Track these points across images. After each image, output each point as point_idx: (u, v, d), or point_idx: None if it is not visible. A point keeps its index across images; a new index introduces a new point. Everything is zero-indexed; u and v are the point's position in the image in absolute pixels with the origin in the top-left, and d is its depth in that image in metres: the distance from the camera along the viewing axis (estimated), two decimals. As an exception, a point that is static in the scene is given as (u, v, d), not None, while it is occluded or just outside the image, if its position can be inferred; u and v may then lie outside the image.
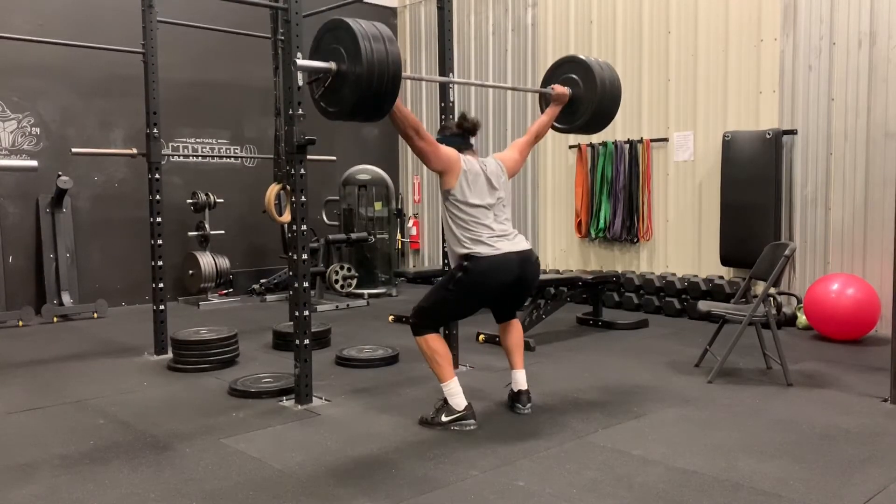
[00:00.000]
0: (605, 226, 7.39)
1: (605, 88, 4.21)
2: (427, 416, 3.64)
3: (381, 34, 3.21)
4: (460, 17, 8.65)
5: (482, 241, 3.55)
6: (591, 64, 4.24)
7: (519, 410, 3.81)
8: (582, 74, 4.27)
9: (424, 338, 3.61)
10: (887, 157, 5.67)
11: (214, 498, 2.80)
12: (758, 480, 2.92)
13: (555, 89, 4.24)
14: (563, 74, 4.35)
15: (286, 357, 4.72)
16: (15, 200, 7.01)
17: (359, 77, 3.14)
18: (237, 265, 8.15)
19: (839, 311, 5.43)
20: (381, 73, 3.14)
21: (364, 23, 3.22)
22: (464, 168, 3.60)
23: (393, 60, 3.18)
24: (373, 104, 3.22)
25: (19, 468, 3.13)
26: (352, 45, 3.17)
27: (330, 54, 3.28)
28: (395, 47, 3.22)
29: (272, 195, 4.07)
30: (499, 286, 3.62)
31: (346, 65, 3.21)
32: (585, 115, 4.27)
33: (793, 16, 6.11)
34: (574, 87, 4.27)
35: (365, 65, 3.12)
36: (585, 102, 4.25)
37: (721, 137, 6.46)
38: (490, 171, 3.71)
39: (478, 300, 3.72)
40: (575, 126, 4.37)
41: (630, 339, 5.75)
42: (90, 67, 7.25)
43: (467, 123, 3.79)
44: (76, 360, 5.17)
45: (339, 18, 3.28)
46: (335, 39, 3.27)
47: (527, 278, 3.69)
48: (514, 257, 3.59)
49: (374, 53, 3.13)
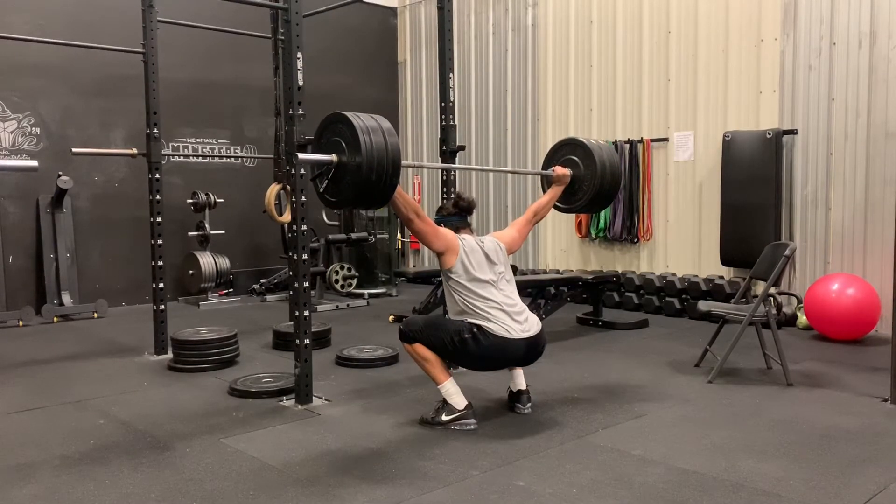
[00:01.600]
0: (605, 226, 7.39)
1: (605, 169, 4.29)
2: (427, 416, 3.64)
3: (380, 127, 3.28)
4: (460, 18, 8.65)
5: (490, 318, 3.55)
6: (591, 146, 4.34)
7: (519, 410, 3.82)
8: (581, 156, 4.35)
9: (413, 346, 3.65)
10: (887, 156, 5.68)
11: (214, 498, 2.81)
12: (758, 480, 2.92)
13: (556, 171, 4.31)
14: (564, 156, 4.43)
15: (286, 357, 4.72)
16: (15, 200, 7.01)
17: (359, 168, 3.21)
18: (237, 265, 8.15)
19: (839, 311, 5.43)
20: (381, 165, 3.21)
21: (363, 116, 3.29)
22: (462, 246, 3.67)
23: (392, 152, 3.25)
24: (374, 193, 3.29)
25: (19, 468, 3.13)
26: (351, 138, 3.24)
27: (331, 147, 3.34)
28: (395, 139, 3.29)
29: (272, 195, 4.06)
30: (499, 362, 3.71)
31: (347, 156, 3.27)
32: (587, 196, 4.34)
33: (793, 16, 6.11)
34: (574, 168, 4.35)
35: (364, 157, 3.18)
36: (587, 183, 4.32)
37: (721, 137, 6.46)
38: (487, 247, 3.76)
39: (476, 366, 3.77)
40: (576, 206, 4.45)
41: (630, 339, 5.75)
42: (90, 67, 7.25)
43: (463, 202, 3.91)
44: (76, 360, 5.17)
45: (338, 113, 3.34)
46: (336, 132, 3.34)
47: (531, 359, 3.73)
48: (522, 343, 3.59)
49: (373, 146, 3.20)
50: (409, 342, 3.67)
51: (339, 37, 8.98)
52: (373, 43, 9.53)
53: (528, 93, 8.18)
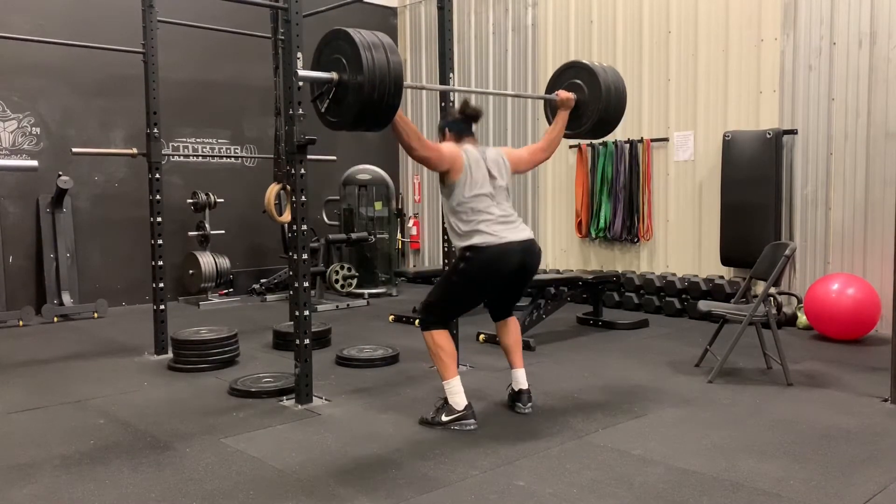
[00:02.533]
0: (605, 226, 7.39)
1: (609, 92, 4.18)
2: (427, 416, 3.64)
3: (382, 43, 3.21)
4: (460, 17, 8.65)
5: (483, 230, 3.55)
6: (595, 68, 4.21)
7: (520, 410, 3.81)
8: (586, 79, 4.22)
9: (431, 333, 3.62)
10: (887, 156, 5.67)
11: (214, 498, 2.81)
12: (758, 480, 2.92)
13: (559, 95, 4.19)
14: (567, 80, 4.31)
15: (286, 357, 4.72)
16: (15, 200, 7.01)
17: (360, 86, 3.13)
18: (237, 265, 8.15)
19: (839, 311, 5.43)
20: (383, 82, 3.14)
21: (365, 32, 3.22)
22: (465, 161, 3.60)
23: (394, 69, 3.18)
24: (375, 113, 3.22)
25: (19, 468, 3.13)
26: (352, 54, 3.16)
27: (331, 65, 3.27)
28: (397, 56, 3.22)
29: (272, 195, 4.07)
30: (501, 275, 3.64)
31: (348, 74, 3.20)
32: (591, 120, 4.22)
33: (793, 16, 6.11)
34: (578, 92, 4.22)
35: (366, 74, 3.11)
36: (591, 107, 4.21)
37: (721, 137, 6.46)
38: (490, 158, 3.71)
39: (482, 289, 3.72)
40: (581, 131, 4.33)
41: (630, 339, 5.75)
42: (90, 67, 7.25)
43: (469, 110, 3.79)
44: (76, 360, 5.17)
45: (339, 28, 3.27)
46: (336, 50, 3.27)
47: (528, 268, 3.71)
48: (517, 247, 3.60)
49: (374, 62, 3.13)
50: (426, 328, 3.65)
51: (339, 37, 8.97)
52: (373, 43, 9.51)
53: (529, 90, 8.16)
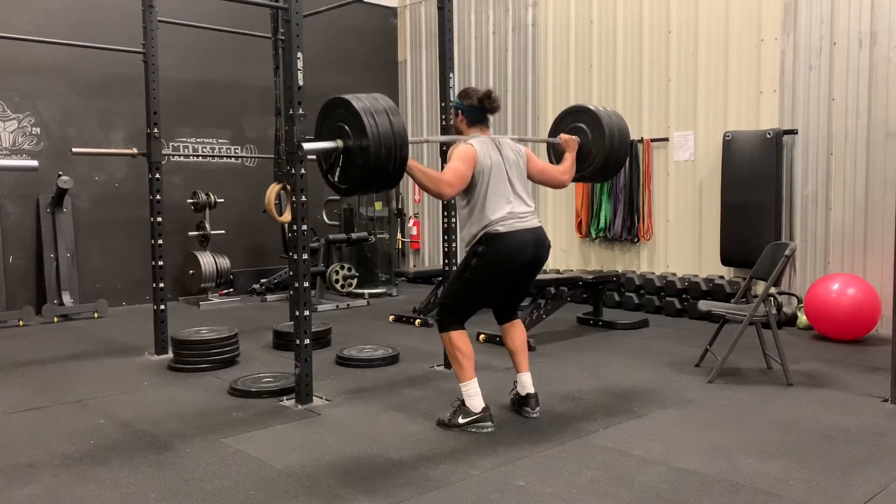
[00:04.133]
0: (605, 226, 7.39)
1: (613, 135, 4.18)
2: (444, 419, 3.62)
3: (382, 106, 3.23)
4: (461, 17, 8.65)
5: (494, 221, 3.53)
6: (598, 112, 4.22)
7: (527, 414, 3.77)
8: (589, 123, 4.23)
9: (449, 334, 3.60)
10: (888, 156, 5.67)
11: (214, 498, 2.81)
12: (758, 480, 2.92)
13: (562, 138, 4.21)
14: (570, 124, 4.32)
15: (286, 357, 4.72)
16: (15, 200, 7.01)
17: (366, 151, 3.16)
18: (237, 265, 8.15)
19: (840, 311, 5.43)
20: (388, 144, 3.16)
21: (364, 97, 3.24)
22: (480, 158, 3.57)
23: (398, 132, 3.19)
24: (385, 177, 3.25)
25: (20, 468, 3.13)
26: (355, 121, 3.19)
27: (335, 133, 3.29)
28: (399, 118, 3.23)
29: (272, 195, 4.06)
30: (513, 267, 3.61)
31: (353, 140, 3.22)
32: (595, 164, 4.22)
33: (793, 16, 6.11)
34: (582, 135, 4.22)
35: (371, 141, 3.13)
36: (595, 150, 4.21)
37: (721, 137, 6.46)
38: (505, 152, 3.68)
39: (495, 283, 3.69)
40: (586, 174, 4.32)
41: (630, 339, 5.75)
42: (90, 67, 7.25)
43: (490, 102, 3.73)
44: (76, 360, 5.17)
45: (337, 98, 3.29)
46: (338, 118, 3.29)
47: (539, 260, 3.70)
48: (529, 239, 3.59)
49: (377, 126, 3.15)
50: (443, 329, 3.63)
51: (339, 37, 8.98)
52: (373, 43, 9.53)
53: (529, 92, 8.18)
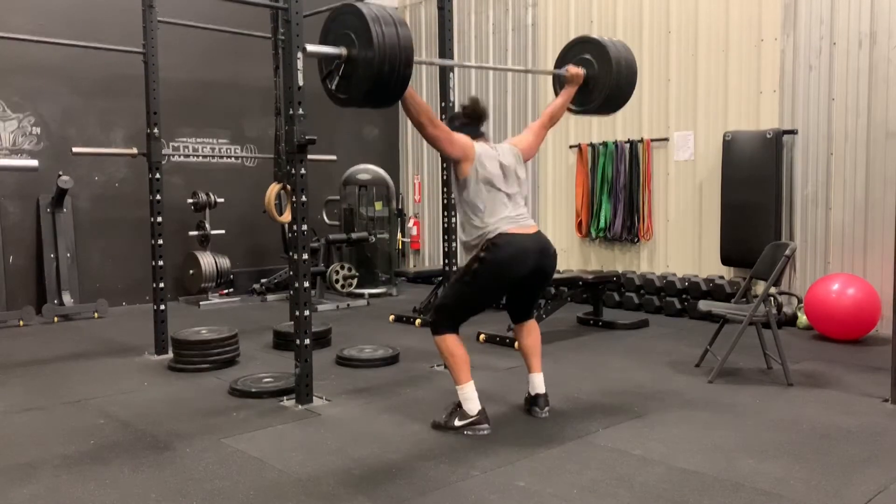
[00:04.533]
0: (605, 225, 7.39)
1: (620, 67, 4.08)
2: (440, 420, 3.59)
3: (392, 18, 3.16)
4: (460, 17, 8.64)
5: (497, 229, 3.48)
6: (606, 43, 4.12)
7: (537, 414, 3.76)
8: (596, 54, 4.12)
9: (443, 338, 3.55)
10: (888, 156, 5.67)
11: (215, 498, 2.81)
12: (758, 480, 2.92)
13: (569, 70, 4.08)
14: (577, 55, 4.21)
15: (287, 357, 4.72)
16: (15, 200, 7.01)
17: (370, 61, 3.07)
18: (238, 265, 8.15)
19: (840, 311, 5.43)
20: (393, 57, 3.07)
21: (374, 6, 3.18)
22: (478, 155, 3.54)
23: (404, 44, 3.11)
24: (385, 89, 3.14)
25: (20, 468, 3.13)
26: (362, 29, 3.10)
27: (340, 40, 3.21)
28: (406, 30, 3.15)
29: (272, 195, 4.07)
30: (516, 277, 3.56)
31: (357, 50, 3.13)
32: (601, 96, 4.12)
33: (793, 16, 6.11)
34: (588, 67, 4.13)
35: (377, 48, 3.05)
36: (601, 83, 4.11)
37: (721, 137, 6.45)
38: (504, 157, 3.64)
39: (496, 291, 3.67)
40: (591, 107, 4.23)
41: (630, 339, 5.75)
42: (91, 67, 7.25)
43: (477, 111, 3.71)
44: (77, 360, 5.17)
45: (348, 3, 3.22)
46: (345, 25, 3.20)
47: (544, 270, 3.63)
48: (533, 248, 3.53)
49: (385, 37, 3.07)
50: (437, 332, 3.57)
51: (340, 37, 8.97)
52: (373, 43, 9.51)
53: (529, 92, 8.18)
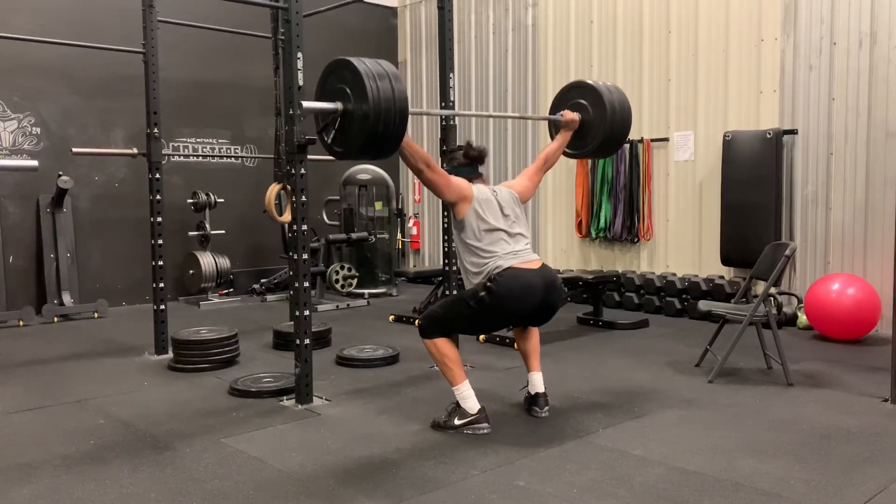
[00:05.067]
0: (605, 225, 7.39)
1: (614, 112, 4.16)
2: (439, 420, 3.60)
3: (386, 72, 3.20)
4: (461, 17, 8.64)
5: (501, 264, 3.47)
6: (600, 88, 4.19)
7: (536, 413, 3.77)
8: (590, 99, 4.20)
9: (434, 342, 3.55)
10: (888, 156, 5.67)
11: (215, 498, 2.81)
12: (758, 480, 2.92)
13: (564, 115, 4.16)
14: (572, 100, 4.28)
15: (286, 357, 4.72)
16: (15, 200, 7.01)
17: (365, 116, 3.12)
18: (237, 265, 8.15)
19: (840, 311, 5.43)
20: (388, 111, 3.13)
21: (368, 61, 3.22)
22: (475, 196, 3.58)
23: (399, 98, 3.16)
24: (381, 142, 3.21)
25: (20, 468, 3.13)
26: (357, 84, 3.15)
27: (335, 95, 3.26)
28: (401, 84, 3.21)
29: (272, 195, 4.07)
30: (521, 311, 3.58)
31: (353, 104, 3.19)
32: (596, 141, 4.19)
33: (793, 15, 6.11)
34: (583, 112, 4.20)
35: (371, 104, 3.10)
36: (596, 127, 4.18)
37: (721, 137, 6.45)
38: (502, 198, 3.68)
39: (498, 322, 3.68)
40: (586, 151, 4.30)
41: (630, 339, 5.75)
42: (91, 67, 7.25)
43: (473, 152, 3.77)
44: (77, 360, 5.17)
45: (342, 59, 3.26)
46: (340, 80, 3.26)
47: (551, 305, 3.63)
48: (539, 284, 3.52)
49: (379, 92, 3.12)
50: (427, 336, 3.57)
51: (339, 37, 8.98)
52: (373, 43, 9.52)
53: (529, 92, 8.17)
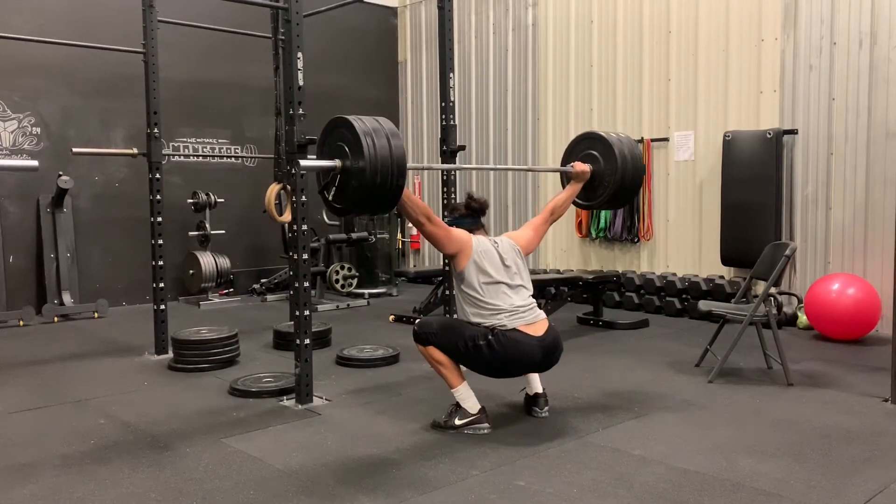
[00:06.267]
0: (605, 226, 7.39)
1: (626, 162, 4.11)
2: (440, 420, 3.60)
3: (383, 129, 3.21)
4: (461, 17, 8.64)
5: (502, 323, 3.45)
6: (611, 139, 4.15)
7: (536, 414, 3.77)
8: (601, 150, 4.16)
9: (426, 348, 3.56)
10: (888, 156, 5.67)
11: (215, 497, 2.81)
12: (758, 480, 2.92)
13: (575, 167, 4.12)
14: (583, 151, 4.25)
15: (287, 357, 4.72)
16: (15, 200, 7.01)
17: (362, 172, 3.14)
18: (238, 265, 8.15)
19: (840, 311, 5.43)
20: (385, 168, 3.14)
21: (366, 119, 3.23)
22: (475, 248, 3.56)
23: (396, 154, 3.17)
24: (379, 198, 3.21)
25: (20, 468, 3.13)
26: (354, 142, 3.17)
27: (335, 152, 3.28)
28: (399, 141, 3.21)
29: (272, 195, 4.06)
30: (518, 368, 3.60)
31: (351, 161, 3.20)
32: (608, 192, 4.15)
33: (793, 15, 6.11)
34: (594, 163, 4.16)
35: (367, 161, 3.12)
36: (606, 179, 4.14)
37: (721, 137, 6.45)
38: (502, 248, 3.65)
39: (491, 372, 3.63)
40: (597, 203, 4.26)
41: (630, 339, 5.75)
42: (91, 67, 7.25)
43: (475, 203, 3.77)
44: (77, 360, 5.17)
45: (340, 117, 3.28)
46: (339, 137, 3.27)
47: (549, 363, 3.62)
48: (536, 345, 3.48)
49: (376, 149, 3.13)
50: (422, 344, 3.57)
51: (339, 37, 8.98)
52: (373, 43, 9.53)
53: (529, 92, 8.18)
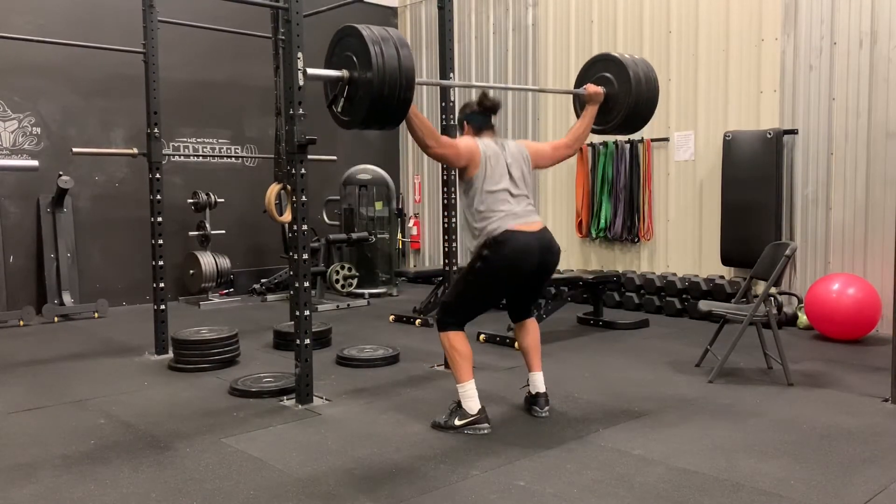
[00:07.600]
0: (605, 225, 7.39)
1: (640, 84, 4.05)
2: (440, 420, 3.59)
3: (392, 38, 3.17)
4: (461, 17, 8.65)
5: (499, 226, 3.47)
6: (625, 60, 4.07)
7: (537, 413, 3.76)
8: (615, 72, 4.09)
9: (447, 334, 3.57)
10: (888, 156, 5.67)
11: (215, 497, 2.81)
12: (758, 480, 2.92)
13: (587, 89, 4.06)
14: (597, 73, 4.17)
15: (287, 357, 4.72)
16: (16, 200, 7.01)
17: (370, 82, 3.09)
18: (238, 265, 8.15)
19: (840, 311, 5.43)
20: (393, 77, 3.09)
21: (374, 27, 3.19)
22: (483, 154, 3.53)
23: (405, 63, 3.12)
24: (387, 111, 3.16)
25: (20, 468, 3.13)
26: (362, 50, 3.12)
27: (343, 63, 3.23)
28: (407, 51, 3.16)
29: (273, 195, 4.07)
30: (519, 273, 3.55)
31: (358, 72, 3.15)
32: (622, 115, 4.08)
33: (793, 15, 6.11)
34: (608, 85, 4.09)
35: (375, 69, 3.06)
36: (621, 101, 4.06)
37: (722, 137, 6.45)
38: (510, 153, 3.62)
39: (499, 287, 3.65)
40: (611, 126, 4.18)
41: (631, 339, 5.75)
42: (91, 67, 7.25)
43: (488, 102, 3.70)
44: (77, 360, 5.17)
45: (349, 25, 3.24)
46: (346, 47, 3.23)
47: (546, 267, 3.62)
48: (535, 245, 3.51)
49: (384, 58, 3.08)
50: (442, 329, 3.58)
51: (340, 36, 8.97)
52: (373, 43, 9.52)
53: (529, 92, 8.17)
